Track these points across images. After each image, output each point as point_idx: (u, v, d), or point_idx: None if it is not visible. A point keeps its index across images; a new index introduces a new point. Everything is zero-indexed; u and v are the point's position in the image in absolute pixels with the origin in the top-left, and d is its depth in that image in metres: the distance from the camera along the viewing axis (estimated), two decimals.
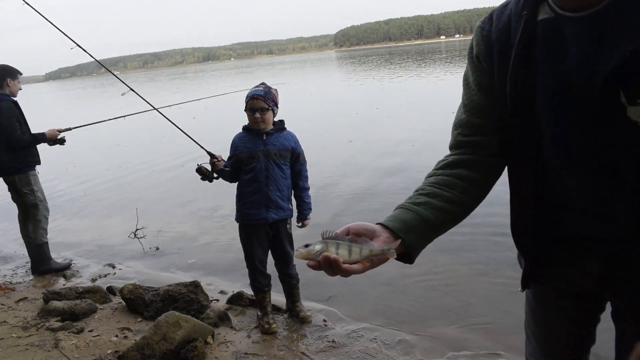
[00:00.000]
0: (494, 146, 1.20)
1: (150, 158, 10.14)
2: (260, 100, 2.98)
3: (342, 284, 3.85)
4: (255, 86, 3.10)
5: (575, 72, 0.99)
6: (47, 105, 34.61)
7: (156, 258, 4.87)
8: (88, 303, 3.52)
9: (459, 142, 1.26)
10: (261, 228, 3.09)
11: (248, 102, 3.00)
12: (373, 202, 5.78)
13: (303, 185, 3.19)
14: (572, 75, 1.00)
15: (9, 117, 4.19)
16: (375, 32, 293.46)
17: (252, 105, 2.99)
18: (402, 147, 8.56)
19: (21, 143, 4.24)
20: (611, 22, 0.94)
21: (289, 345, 2.99)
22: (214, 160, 3.09)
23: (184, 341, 2.76)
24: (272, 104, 3.03)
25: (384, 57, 63.05)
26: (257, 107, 2.97)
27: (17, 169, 4.34)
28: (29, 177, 4.39)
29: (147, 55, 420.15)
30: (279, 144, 3.06)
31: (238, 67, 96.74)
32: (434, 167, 1.29)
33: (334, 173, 7.21)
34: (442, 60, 40.45)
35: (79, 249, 5.33)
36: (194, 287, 3.48)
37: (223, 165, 3.07)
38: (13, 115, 4.22)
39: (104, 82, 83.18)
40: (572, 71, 1.00)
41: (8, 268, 4.84)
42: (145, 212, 6.14)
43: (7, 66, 4.39)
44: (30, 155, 4.38)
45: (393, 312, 3.36)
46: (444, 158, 1.28)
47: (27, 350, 2.86)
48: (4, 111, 4.17)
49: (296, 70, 49.90)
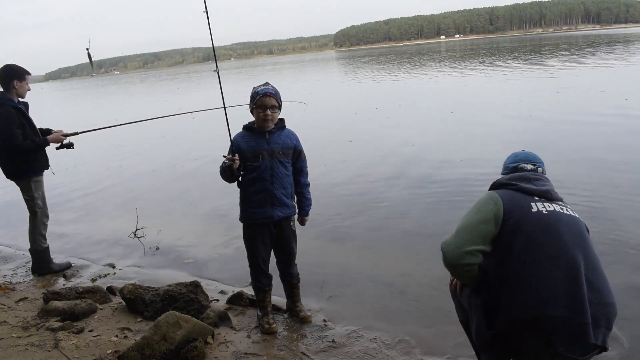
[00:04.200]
0: None
1: (150, 158, 10.13)
2: (272, 98, 2.97)
3: (342, 284, 3.85)
4: (262, 85, 3.08)
5: None
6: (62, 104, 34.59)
7: (156, 258, 4.87)
8: (88, 303, 3.52)
9: None
10: (265, 227, 3.09)
11: (259, 99, 2.95)
12: (373, 201, 5.78)
13: (304, 182, 3.20)
14: None
15: (7, 124, 4.08)
16: (375, 32, 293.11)
17: (264, 102, 2.95)
18: (402, 147, 8.57)
19: (21, 149, 4.13)
20: None
21: (289, 345, 2.99)
22: (233, 159, 2.97)
23: (184, 341, 2.76)
24: (281, 103, 3.03)
25: (384, 57, 63.02)
26: (269, 104, 2.96)
27: (19, 175, 4.31)
28: (30, 184, 4.33)
29: (147, 55, 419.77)
30: (281, 143, 3.06)
31: (237, 67, 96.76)
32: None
33: (334, 173, 7.20)
34: (442, 60, 40.43)
35: (79, 249, 5.32)
36: (194, 287, 3.48)
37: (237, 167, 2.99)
38: (12, 122, 4.10)
39: (112, 82, 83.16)
40: None
41: (8, 268, 4.84)
42: (145, 212, 6.14)
43: (14, 66, 4.26)
44: (34, 161, 4.30)
45: (393, 312, 3.37)
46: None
47: (27, 350, 2.86)
48: (3, 118, 4.07)
49: (296, 70, 49.89)
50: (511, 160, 2.47)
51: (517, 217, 2.05)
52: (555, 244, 1.97)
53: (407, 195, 5.88)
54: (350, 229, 5.04)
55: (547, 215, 2.05)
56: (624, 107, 10.38)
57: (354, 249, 4.57)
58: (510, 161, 2.47)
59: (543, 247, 1.97)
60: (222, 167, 3.01)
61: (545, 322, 1.86)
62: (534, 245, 1.98)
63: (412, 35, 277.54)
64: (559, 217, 2.06)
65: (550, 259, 1.94)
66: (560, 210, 2.10)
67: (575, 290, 1.88)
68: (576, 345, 1.88)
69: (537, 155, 2.46)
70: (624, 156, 6.62)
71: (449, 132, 9.56)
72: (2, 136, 4.09)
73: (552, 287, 1.89)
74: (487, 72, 22.74)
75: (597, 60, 24.04)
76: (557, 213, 2.08)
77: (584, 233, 2.07)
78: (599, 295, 1.91)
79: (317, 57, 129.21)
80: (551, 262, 1.93)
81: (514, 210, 2.07)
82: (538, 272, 1.92)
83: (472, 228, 2.08)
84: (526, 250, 1.97)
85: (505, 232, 2.04)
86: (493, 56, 37.23)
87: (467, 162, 7.09)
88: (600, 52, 30.06)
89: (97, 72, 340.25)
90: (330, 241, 4.79)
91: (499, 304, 1.98)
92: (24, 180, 4.33)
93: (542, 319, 1.87)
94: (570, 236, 2.00)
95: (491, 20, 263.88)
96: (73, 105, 33.46)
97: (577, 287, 1.88)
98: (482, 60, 33.57)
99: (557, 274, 1.91)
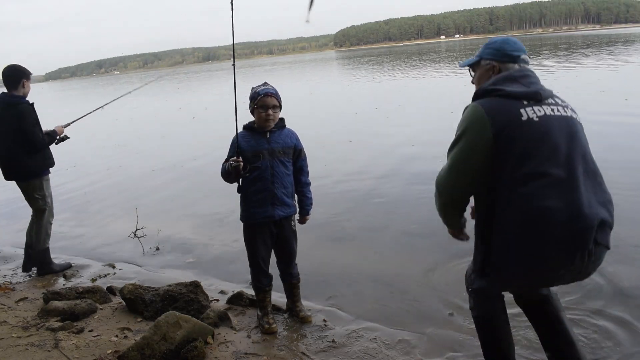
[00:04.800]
0: None
1: (150, 158, 10.13)
2: (273, 97, 2.98)
3: (342, 284, 3.85)
4: (261, 85, 3.08)
5: None
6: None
7: (156, 258, 4.87)
8: (88, 303, 3.51)
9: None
10: (266, 226, 3.09)
11: (260, 99, 2.96)
12: (373, 201, 5.78)
13: (305, 181, 3.21)
14: None
15: (31, 123, 4.18)
16: (375, 32, 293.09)
17: (265, 102, 2.96)
18: (402, 147, 8.56)
19: (41, 146, 4.25)
20: None
21: (289, 345, 2.99)
22: (239, 161, 2.96)
23: (184, 341, 2.76)
24: (281, 102, 3.04)
25: (383, 57, 63.02)
26: (271, 104, 2.97)
27: (37, 174, 4.35)
28: (43, 182, 4.40)
29: (147, 55, 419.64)
30: (282, 142, 3.06)
31: (238, 67, 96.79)
32: None
33: (334, 173, 7.20)
34: (442, 60, 40.44)
35: (79, 248, 5.32)
36: (194, 287, 3.48)
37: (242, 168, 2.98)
38: (34, 119, 4.22)
39: (110, 82, 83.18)
40: None
41: (8, 268, 4.84)
42: (145, 212, 6.14)
43: (21, 67, 4.33)
44: (48, 158, 4.40)
45: (393, 312, 3.36)
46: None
47: (27, 350, 2.86)
48: (26, 116, 4.16)
49: (296, 70, 49.91)
50: (509, 46, 2.17)
51: (508, 134, 1.93)
52: (550, 155, 1.90)
53: (407, 195, 5.88)
54: (350, 229, 5.04)
55: (537, 123, 1.94)
56: (624, 106, 10.39)
57: (354, 249, 4.57)
58: (508, 48, 2.16)
59: (538, 160, 1.90)
60: (224, 168, 3.00)
61: (545, 235, 1.87)
62: (528, 160, 1.90)
63: (412, 35, 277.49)
64: (550, 123, 1.95)
65: (546, 174, 1.88)
66: (551, 113, 1.98)
67: (574, 198, 1.87)
68: (578, 252, 1.88)
69: (517, 40, 2.24)
70: (624, 156, 6.63)
71: (449, 132, 9.52)
72: (25, 135, 4.17)
73: (550, 201, 1.86)
74: None
75: (597, 60, 24.04)
76: (548, 118, 1.96)
77: (577, 134, 1.99)
78: (597, 198, 1.91)
79: (317, 57, 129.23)
80: (547, 176, 1.88)
81: (504, 126, 1.93)
82: (536, 190, 1.88)
83: (463, 164, 2.02)
84: (521, 168, 1.90)
85: (498, 152, 1.94)
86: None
87: None
88: (600, 52, 30.05)
89: (97, 72, 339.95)
90: (330, 241, 4.79)
91: (492, 229, 1.99)
92: (38, 179, 4.37)
93: (540, 234, 1.87)
94: (564, 141, 1.93)
95: (491, 20, 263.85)
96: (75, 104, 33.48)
97: (577, 194, 1.88)
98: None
99: (553, 190, 1.87)
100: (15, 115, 4.14)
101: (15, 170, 4.32)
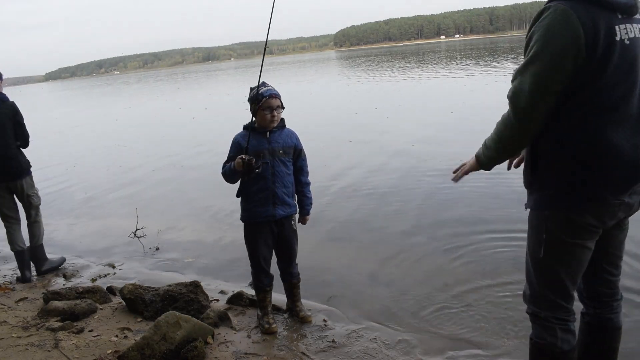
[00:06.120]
0: None
1: (150, 158, 10.13)
2: (277, 99, 3.01)
3: (342, 284, 3.85)
4: (261, 85, 3.08)
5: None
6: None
7: (156, 258, 4.87)
8: (88, 303, 3.52)
9: None
10: (267, 226, 3.09)
11: (266, 101, 2.98)
12: (373, 201, 5.79)
13: (305, 181, 3.22)
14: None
15: (22, 117, 4.23)
16: (375, 32, 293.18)
17: (270, 104, 2.98)
18: (402, 147, 8.57)
19: (28, 143, 4.33)
20: None
21: (289, 345, 2.99)
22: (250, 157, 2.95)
23: (184, 341, 2.76)
24: (282, 102, 3.05)
25: (383, 57, 63.06)
26: (275, 105, 3.00)
27: (28, 170, 4.38)
28: (31, 179, 4.43)
29: (147, 55, 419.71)
30: (282, 142, 3.07)
31: (237, 67, 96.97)
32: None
33: (334, 173, 7.21)
34: (441, 60, 40.45)
35: (79, 248, 5.33)
36: (194, 287, 3.48)
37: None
38: (21, 117, 4.27)
39: (109, 82, 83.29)
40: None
41: (8, 268, 4.84)
42: (145, 212, 6.14)
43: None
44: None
45: (393, 312, 3.37)
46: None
47: (27, 350, 2.86)
48: (18, 111, 4.22)
49: (296, 70, 49.93)
50: None
51: (602, 54, 1.57)
52: (632, 88, 1.62)
53: (407, 195, 5.88)
54: (350, 229, 5.04)
55: (628, 47, 1.60)
56: None
57: (354, 249, 4.57)
58: None
59: (620, 93, 1.61)
60: (227, 168, 3.00)
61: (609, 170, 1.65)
62: (612, 90, 1.61)
63: (412, 35, 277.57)
64: (638, 50, 1.63)
65: (620, 110, 1.62)
66: (638, 36, 1.64)
67: (637, 142, 1.64)
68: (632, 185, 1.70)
69: None
70: None
71: (449, 132, 9.55)
72: (22, 129, 4.24)
73: (617, 139, 1.62)
74: (487, 71, 22.75)
75: None
76: (637, 42, 1.63)
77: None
78: None
79: (317, 57, 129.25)
80: (621, 113, 1.62)
81: (596, 44, 1.57)
82: (607, 125, 1.62)
83: (547, 79, 1.62)
84: (600, 97, 1.61)
85: (580, 73, 1.60)
86: (493, 56, 37.23)
87: None
88: None
89: (97, 72, 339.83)
90: (330, 241, 4.79)
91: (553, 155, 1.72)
92: (29, 175, 4.40)
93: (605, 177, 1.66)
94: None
95: (491, 20, 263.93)
96: (74, 104, 33.49)
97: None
98: (482, 60, 33.57)
99: (623, 128, 1.63)
100: (7, 111, 4.16)
101: (14, 168, 4.30)
